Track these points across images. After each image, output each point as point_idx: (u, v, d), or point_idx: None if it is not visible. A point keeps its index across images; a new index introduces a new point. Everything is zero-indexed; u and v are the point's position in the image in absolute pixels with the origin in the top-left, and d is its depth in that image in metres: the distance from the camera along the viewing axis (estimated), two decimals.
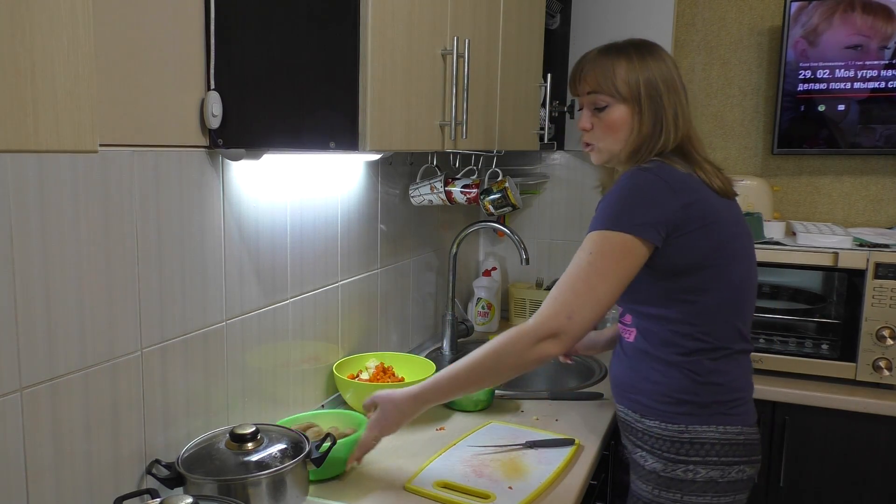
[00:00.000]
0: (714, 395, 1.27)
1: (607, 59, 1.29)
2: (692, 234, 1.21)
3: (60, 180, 0.92)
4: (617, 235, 1.19)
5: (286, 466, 1.08)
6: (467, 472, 1.30)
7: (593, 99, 1.31)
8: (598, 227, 1.21)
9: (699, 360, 1.26)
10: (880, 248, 1.88)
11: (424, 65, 1.23)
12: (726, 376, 1.28)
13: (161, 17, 1.06)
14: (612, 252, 1.19)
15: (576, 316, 1.17)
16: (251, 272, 1.31)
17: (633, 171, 1.24)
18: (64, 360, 0.95)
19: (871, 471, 1.88)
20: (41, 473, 0.93)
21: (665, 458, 1.28)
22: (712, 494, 1.27)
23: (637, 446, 1.34)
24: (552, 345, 1.18)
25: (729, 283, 1.26)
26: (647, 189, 1.21)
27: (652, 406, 1.30)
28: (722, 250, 1.25)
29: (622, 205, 1.21)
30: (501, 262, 2.55)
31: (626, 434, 1.38)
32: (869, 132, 2.19)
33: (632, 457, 1.36)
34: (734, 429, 1.27)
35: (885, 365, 1.87)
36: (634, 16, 2.25)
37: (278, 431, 1.18)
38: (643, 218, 1.19)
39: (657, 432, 1.29)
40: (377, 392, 1.32)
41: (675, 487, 1.28)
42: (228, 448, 1.11)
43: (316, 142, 1.09)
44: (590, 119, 1.32)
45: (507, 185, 1.84)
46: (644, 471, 1.32)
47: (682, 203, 1.21)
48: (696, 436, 1.27)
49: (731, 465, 1.27)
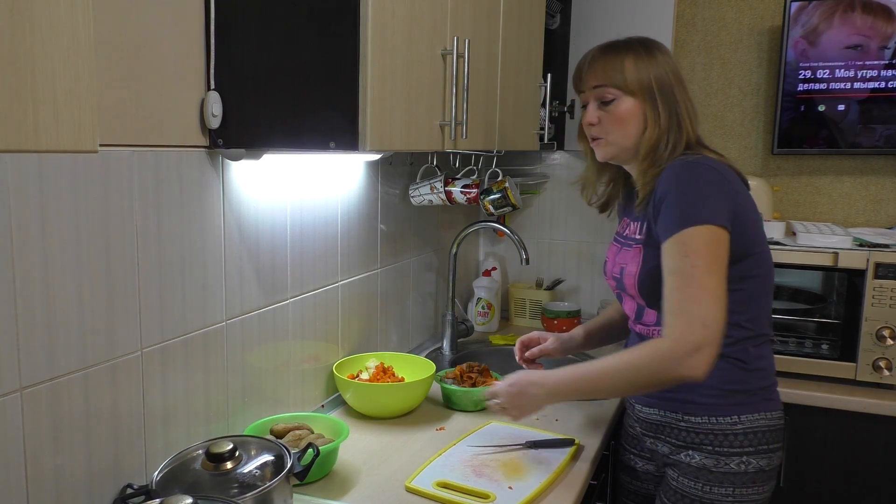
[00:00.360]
0: (760, 381, 1.28)
1: (614, 53, 1.31)
2: (744, 222, 1.23)
3: (60, 180, 0.92)
4: (703, 229, 1.17)
5: (269, 486, 1.01)
6: (467, 472, 1.30)
7: (600, 93, 1.31)
8: (680, 226, 1.18)
9: (745, 347, 1.27)
10: (880, 248, 1.88)
11: (424, 65, 1.23)
12: (767, 360, 1.30)
13: (161, 16, 1.06)
14: (707, 245, 1.17)
15: (710, 321, 1.14)
16: (251, 272, 1.31)
17: (684, 166, 1.24)
18: (64, 360, 0.95)
19: (871, 471, 1.88)
20: (41, 473, 0.93)
21: (717, 454, 1.27)
22: (759, 484, 1.28)
23: (680, 447, 1.32)
24: (699, 359, 1.13)
25: (768, 268, 1.30)
26: (710, 178, 1.21)
27: (698, 402, 1.28)
28: (761, 237, 1.29)
29: (694, 198, 1.20)
30: (501, 262, 2.55)
31: (664, 436, 1.35)
32: (869, 132, 2.19)
33: (671, 457, 1.34)
34: (776, 413, 1.30)
35: (885, 365, 1.87)
36: (634, 16, 2.25)
37: (258, 444, 1.11)
38: (716, 206, 1.19)
39: (706, 428, 1.28)
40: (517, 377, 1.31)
41: (728, 482, 1.26)
42: (204, 468, 1.03)
43: (316, 142, 1.09)
44: (596, 113, 1.33)
45: (507, 185, 1.84)
46: (691, 468, 1.30)
47: (736, 190, 1.23)
48: (749, 426, 1.27)
49: (774, 452, 1.30)
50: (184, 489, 0.99)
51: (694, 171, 1.22)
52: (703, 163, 1.24)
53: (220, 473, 1.03)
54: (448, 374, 1.70)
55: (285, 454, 1.09)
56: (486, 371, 1.70)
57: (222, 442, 1.06)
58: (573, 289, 2.52)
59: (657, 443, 1.37)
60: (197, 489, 1.00)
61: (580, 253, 2.50)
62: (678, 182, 1.22)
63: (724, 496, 1.27)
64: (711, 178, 1.22)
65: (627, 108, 1.29)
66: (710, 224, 1.17)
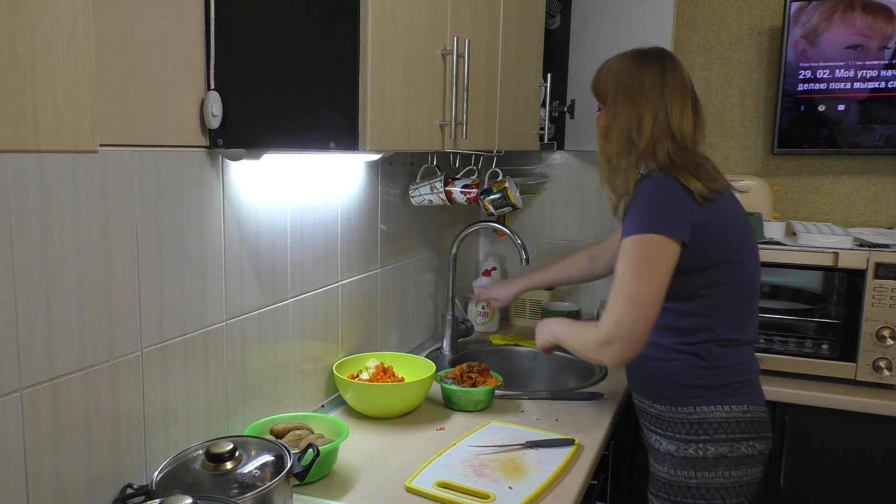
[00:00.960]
0: (721, 379, 1.37)
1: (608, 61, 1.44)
2: (711, 233, 1.31)
3: (60, 180, 0.92)
4: (648, 237, 1.27)
5: (268, 486, 1.01)
6: (467, 472, 1.30)
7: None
8: (631, 232, 1.29)
9: (708, 347, 1.36)
10: (880, 248, 1.88)
11: (424, 65, 1.23)
12: (733, 360, 1.38)
13: (161, 17, 1.06)
14: (646, 254, 1.28)
15: (621, 321, 1.26)
16: (251, 272, 1.31)
17: (650, 180, 1.33)
18: (64, 361, 0.95)
19: (871, 471, 1.88)
20: (41, 473, 0.93)
21: (677, 440, 1.39)
22: (723, 469, 1.36)
23: (651, 431, 1.46)
24: (611, 351, 1.28)
25: (744, 276, 1.38)
26: (662, 194, 1.31)
27: (662, 392, 1.41)
28: (738, 248, 1.36)
29: (648, 208, 1.30)
30: (501, 262, 2.55)
31: (642, 420, 1.51)
32: (869, 132, 2.19)
33: (648, 441, 1.48)
34: (740, 407, 1.37)
35: (886, 365, 1.87)
36: (634, 16, 2.25)
37: (258, 444, 1.11)
38: (670, 218, 1.28)
39: (668, 416, 1.41)
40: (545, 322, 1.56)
41: (689, 465, 1.38)
42: (204, 469, 1.03)
43: (316, 142, 1.09)
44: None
45: (507, 185, 1.84)
46: (660, 453, 1.43)
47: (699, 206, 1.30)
48: (704, 416, 1.37)
49: (740, 441, 1.36)
50: (184, 489, 0.99)
51: (647, 187, 1.32)
52: (658, 178, 1.32)
53: (220, 474, 1.03)
54: (448, 374, 1.70)
55: (285, 454, 1.09)
56: (486, 371, 1.70)
57: (222, 442, 1.06)
58: (573, 289, 2.52)
59: (641, 423, 1.53)
60: (197, 489, 1.00)
61: None
62: (641, 195, 1.32)
63: (688, 478, 1.38)
64: (659, 193, 1.31)
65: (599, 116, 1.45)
66: (655, 234, 1.27)
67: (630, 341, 1.26)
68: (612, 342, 1.27)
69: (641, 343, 1.27)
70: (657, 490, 1.43)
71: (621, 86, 1.38)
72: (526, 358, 2.15)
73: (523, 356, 2.15)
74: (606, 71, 1.42)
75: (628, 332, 1.25)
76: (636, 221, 1.30)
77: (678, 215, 1.29)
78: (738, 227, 1.37)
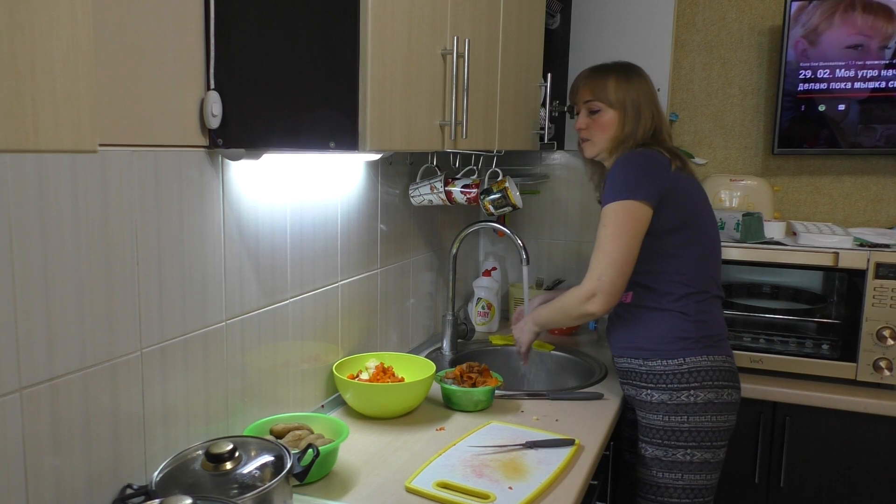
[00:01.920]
0: (703, 331, 1.58)
1: (600, 75, 1.69)
2: (678, 200, 1.56)
3: (60, 180, 0.92)
4: (622, 203, 1.53)
5: (268, 487, 1.00)
6: (467, 473, 1.30)
7: (590, 105, 1.70)
8: (608, 200, 1.55)
9: (688, 302, 1.58)
10: (881, 248, 1.88)
11: (424, 65, 1.23)
12: (710, 315, 1.60)
13: (161, 16, 1.06)
14: (620, 218, 1.53)
15: (603, 276, 1.53)
16: (251, 272, 1.31)
17: (627, 154, 1.60)
18: (63, 361, 0.95)
19: (871, 471, 1.88)
20: (41, 474, 0.93)
21: (670, 389, 1.57)
22: (711, 414, 1.57)
23: (642, 387, 1.62)
24: (595, 301, 1.55)
25: (706, 237, 1.63)
26: (642, 163, 1.57)
27: (653, 348, 1.59)
28: (699, 213, 1.61)
29: (623, 178, 1.55)
30: (501, 262, 2.55)
31: (631, 380, 1.65)
32: (869, 132, 2.19)
33: (637, 398, 1.64)
34: (720, 357, 1.59)
35: (886, 365, 1.87)
36: (634, 16, 2.25)
37: (258, 444, 1.11)
38: (641, 185, 1.53)
39: (660, 369, 1.58)
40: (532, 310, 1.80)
41: (682, 411, 1.57)
42: (204, 469, 1.03)
43: (316, 142, 1.09)
44: (585, 120, 1.72)
45: (507, 185, 1.84)
46: (652, 405, 1.60)
47: (668, 174, 1.56)
48: (693, 366, 1.57)
49: (723, 389, 1.58)
50: (183, 490, 0.99)
51: (627, 160, 1.58)
52: (639, 153, 1.59)
53: (219, 474, 1.02)
54: (448, 375, 1.70)
55: (285, 455, 1.08)
56: (486, 371, 1.70)
57: (222, 442, 1.05)
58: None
59: (626, 387, 1.68)
60: (197, 490, 1.00)
61: (580, 253, 2.50)
62: (615, 169, 1.58)
63: (681, 423, 1.57)
64: (640, 164, 1.57)
65: (609, 118, 1.67)
66: (627, 200, 1.52)
67: (611, 293, 1.53)
68: (595, 294, 1.54)
69: (619, 295, 1.55)
70: (651, 437, 1.60)
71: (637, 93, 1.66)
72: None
73: None
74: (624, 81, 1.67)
75: (610, 284, 1.53)
76: (612, 191, 1.54)
77: (649, 182, 1.53)
78: (698, 196, 1.63)
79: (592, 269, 1.55)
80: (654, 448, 1.60)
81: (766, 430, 1.96)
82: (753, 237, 2.02)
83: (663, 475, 1.59)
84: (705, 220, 1.62)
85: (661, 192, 1.54)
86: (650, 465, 1.61)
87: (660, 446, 1.59)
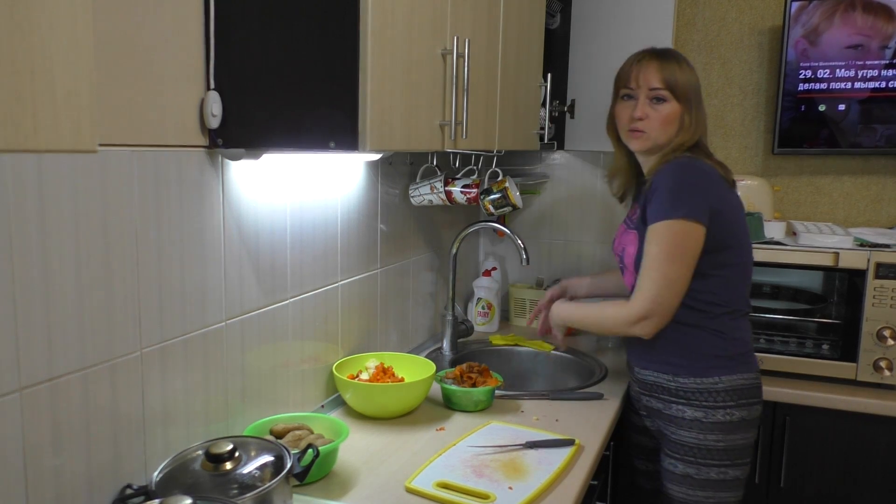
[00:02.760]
0: (736, 348, 1.53)
1: (669, 60, 1.55)
2: (725, 219, 1.48)
3: (60, 180, 0.92)
4: (679, 223, 1.43)
5: (268, 487, 1.00)
6: (467, 473, 1.30)
7: (657, 93, 1.54)
8: (661, 217, 1.45)
9: (722, 321, 1.52)
10: (881, 247, 1.88)
11: (424, 65, 1.23)
12: (742, 332, 1.55)
13: (161, 16, 1.06)
14: (678, 238, 1.44)
15: (659, 298, 1.45)
16: (251, 272, 1.31)
17: (682, 165, 1.49)
18: (63, 361, 0.95)
19: (871, 471, 1.88)
20: (40, 474, 0.93)
21: (704, 407, 1.51)
22: (743, 432, 1.53)
23: (671, 402, 1.56)
24: (647, 324, 1.48)
25: (744, 256, 1.55)
26: (699, 179, 1.47)
27: (685, 365, 1.53)
28: (741, 230, 1.54)
29: (679, 193, 1.45)
30: (501, 262, 2.55)
31: (657, 394, 1.59)
32: (869, 132, 2.19)
33: (665, 412, 1.58)
34: (751, 374, 1.54)
35: (886, 365, 1.87)
36: (634, 16, 2.24)
37: (257, 445, 1.11)
38: (696, 204, 1.44)
39: (693, 386, 1.52)
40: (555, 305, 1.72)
41: (718, 430, 1.51)
42: (204, 469, 1.03)
43: (316, 142, 1.09)
44: (646, 109, 1.54)
45: (507, 185, 1.84)
46: (685, 421, 1.54)
47: (718, 191, 1.48)
48: (729, 385, 1.51)
49: (753, 406, 1.54)
50: (183, 490, 0.99)
51: (683, 172, 1.47)
52: (694, 165, 1.49)
53: (219, 474, 1.02)
54: (448, 374, 1.70)
55: (285, 455, 1.08)
56: (486, 371, 1.70)
57: (222, 442, 1.05)
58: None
59: (651, 399, 1.62)
60: (196, 490, 1.00)
61: (580, 253, 2.50)
62: (668, 180, 1.46)
63: (716, 441, 1.51)
64: (695, 180, 1.47)
65: (673, 111, 1.53)
66: (682, 219, 1.43)
67: (665, 315, 1.47)
68: (649, 317, 1.46)
69: (671, 317, 1.48)
70: (683, 454, 1.54)
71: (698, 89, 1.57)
72: (526, 358, 2.15)
73: (523, 356, 2.15)
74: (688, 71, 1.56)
75: (667, 308, 1.46)
76: (668, 206, 1.44)
77: (705, 201, 1.44)
78: (741, 214, 1.55)
79: (646, 290, 1.45)
80: (685, 465, 1.54)
81: (766, 430, 1.96)
82: (754, 237, 2.01)
83: (695, 493, 1.53)
84: (744, 238, 1.56)
85: (713, 212, 1.45)
86: (680, 482, 1.55)
87: (692, 464, 1.53)
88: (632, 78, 1.56)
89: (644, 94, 1.54)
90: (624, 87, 1.58)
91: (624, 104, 1.59)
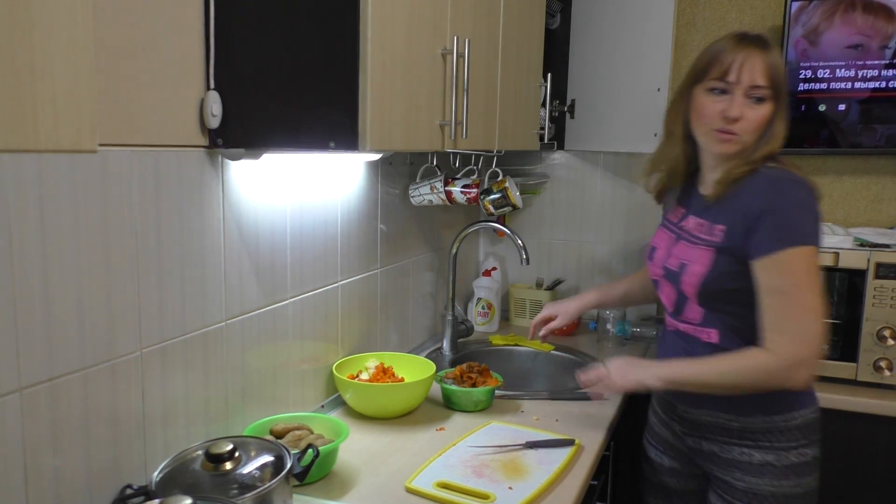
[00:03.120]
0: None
1: (772, 53, 1.30)
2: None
3: (60, 180, 0.92)
4: (802, 249, 1.23)
5: (268, 487, 1.00)
6: (467, 473, 1.30)
7: (759, 92, 1.29)
8: (781, 246, 1.23)
9: None
10: (881, 247, 1.88)
11: (424, 65, 1.23)
12: None
13: (161, 16, 1.06)
14: (806, 265, 1.23)
15: (809, 337, 1.22)
16: (251, 272, 1.31)
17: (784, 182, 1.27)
18: (63, 361, 0.95)
19: (871, 471, 1.88)
20: (40, 474, 0.93)
21: (776, 449, 1.32)
22: (814, 471, 1.35)
23: (735, 445, 1.35)
24: (801, 372, 1.23)
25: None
26: (809, 200, 1.26)
27: (752, 402, 1.31)
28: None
29: (795, 218, 1.25)
30: (501, 262, 2.55)
31: (715, 436, 1.38)
32: (870, 132, 2.19)
33: (723, 456, 1.37)
34: (816, 406, 1.36)
35: (886, 365, 1.87)
36: (634, 16, 2.24)
37: (257, 445, 1.11)
38: (813, 226, 1.25)
39: (760, 426, 1.32)
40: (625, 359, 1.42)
41: (793, 473, 1.32)
42: (204, 469, 1.03)
43: (316, 141, 1.09)
44: (743, 109, 1.29)
45: (507, 185, 1.84)
46: (753, 466, 1.33)
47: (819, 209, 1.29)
48: (802, 420, 1.33)
49: (819, 441, 1.36)
50: (183, 490, 0.98)
51: (796, 191, 1.26)
52: (802, 182, 1.28)
53: (219, 474, 1.02)
54: (448, 375, 1.70)
55: (285, 455, 1.08)
56: (486, 371, 1.70)
57: (222, 442, 1.05)
58: (573, 289, 2.51)
59: (702, 441, 1.40)
60: (196, 490, 1.00)
61: (580, 253, 2.50)
62: (780, 200, 1.25)
63: (793, 487, 1.32)
64: (810, 200, 1.26)
65: (768, 112, 1.31)
66: (808, 245, 1.23)
67: (818, 355, 1.24)
68: (805, 361, 1.23)
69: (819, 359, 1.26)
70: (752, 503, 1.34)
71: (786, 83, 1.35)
72: (526, 358, 2.15)
73: (523, 356, 2.15)
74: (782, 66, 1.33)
75: (817, 345, 1.22)
76: (795, 231, 1.23)
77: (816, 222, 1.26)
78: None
79: (791, 331, 1.22)
80: None
81: None
82: None
83: None
84: None
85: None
86: None
87: None
88: (733, 69, 1.28)
89: (743, 90, 1.28)
90: (718, 78, 1.30)
91: (713, 98, 1.30)
